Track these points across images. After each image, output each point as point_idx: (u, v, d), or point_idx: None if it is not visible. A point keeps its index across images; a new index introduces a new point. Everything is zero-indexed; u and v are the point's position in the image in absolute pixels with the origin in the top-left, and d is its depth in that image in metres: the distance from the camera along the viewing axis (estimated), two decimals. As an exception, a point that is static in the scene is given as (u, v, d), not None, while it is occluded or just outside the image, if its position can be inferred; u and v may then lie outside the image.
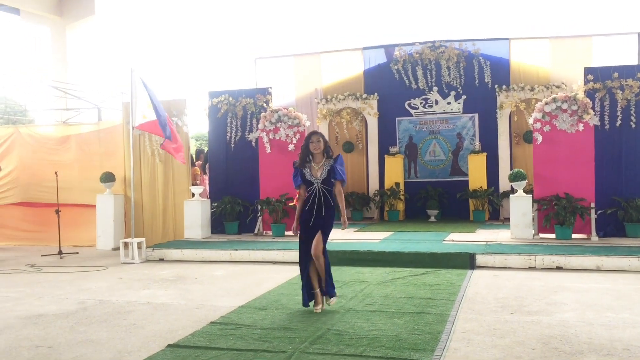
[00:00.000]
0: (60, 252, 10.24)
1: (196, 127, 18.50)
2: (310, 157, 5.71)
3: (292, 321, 5.36)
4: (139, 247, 9.61)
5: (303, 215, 5.76)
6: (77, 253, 10.52)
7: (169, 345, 4.72)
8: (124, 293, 7.01)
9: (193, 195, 10.88)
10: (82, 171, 11.67)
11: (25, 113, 16.90)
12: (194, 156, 13.67)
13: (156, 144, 11.04)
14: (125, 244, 9.67)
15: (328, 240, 5.93)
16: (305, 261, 5.76)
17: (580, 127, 9.33)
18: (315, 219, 5.66)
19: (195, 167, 12.66)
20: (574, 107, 9.36)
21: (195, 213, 10.71)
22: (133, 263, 9.34)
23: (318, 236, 5.65)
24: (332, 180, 5.65)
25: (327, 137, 14.60)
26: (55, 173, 10.47)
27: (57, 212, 10.37)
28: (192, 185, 11.22)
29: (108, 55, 19.16)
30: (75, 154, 11.85)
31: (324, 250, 5.74)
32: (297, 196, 5.97)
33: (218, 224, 11.14)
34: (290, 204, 9.94)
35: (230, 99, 11.29)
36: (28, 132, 12.44)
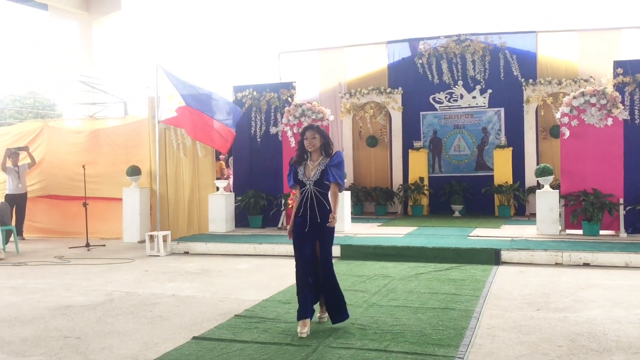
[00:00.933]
0: (87, 245, 10.40)
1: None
2: (308, 154, 5.00)
3: (315, 314, 5.36)
4: (164, 240, 9.71)
5: (296, 222, 4.98)
6: (104, 245, 10.68)
7: (194, 338, 4.77)
8: (149, 285, 7.09)
9: (217, 189, 10.96)
10: (108, 165, 11.83)
11: (54, 107, 17.17)
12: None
13: (182, 139, 11.13)
14: (151, 237, 9.78)
15: (338, 244, 5.57)
16: (303, 278, 4.92)
17: (609, 121, 9.16)
18: (309, 227, 4.90)
19: (221, 161, 12.74)
20: (603, 101, 9.19)
21: (219, 207, 10.78)
22: (158, 256, 9.45)
23: (317, 248, 4.97)
24: (326, 182, 4.92)
25: (350, 131, 14.74)
26: (83, 167, 10.63)
27: (85, 205, 10.53)
28: (218, 179, 11.30)
29: (134, 49, 19.34)
30: (102, 148, 12.00)
31: (331, 267, 5.02)
32: (292, 196, 5.30)
33: (242, 218, 11.20)
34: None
35: (255, 93, 11.32)
36: (56, 126, 12.64)
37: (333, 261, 5.14)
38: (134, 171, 11.15)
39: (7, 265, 8.86)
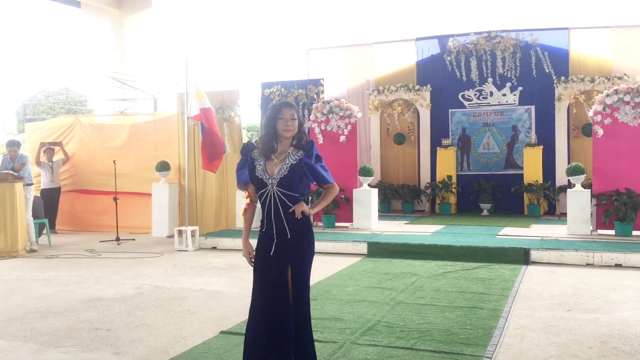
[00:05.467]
0: (117, 239, 10.56)
1: (247, 118, 18.70)
2: (275, 141, 3.49)
3: (343, 312, 5.37)
4: (193, 235, 9.81)
5: (259, 238, 3.52)
6: (134, 240, 10.82)
7: (222, 332, 4.81)
8: (178, 279, 7.17)
9: (245, 185, 11.00)
10: (138, 160, 11.98)
11: (85, 103, 17.42)
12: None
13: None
14: (180, 232, 9.88)
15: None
16: (260, 327, 3.38)
17: (644, 120, 8.97)
18: (277, 244, 3.41)
19: None
20: (637, 99, 8.99)
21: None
22: (187, 251, 9.55)
23: (288, 277, 3.39)
24: (322, 185, 3.56)
25: (378, 129, 14.70)
26: (114, 162, 10.79)
27: (115, 199, 10.69)
28: None
29: (164, 46, 19.56)
30: (132, 144, 12.17)
31: (306, 308, 3.48)
32: (244, 200, 3.67)
33: (269, 214, 11.22)
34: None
35: (283, 89, 11.39)
36: (88, 121, 12.85)
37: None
38: (163, 167, 11.27)
39: (40, 257, 9.05)
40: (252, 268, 3.52)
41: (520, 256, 7.84)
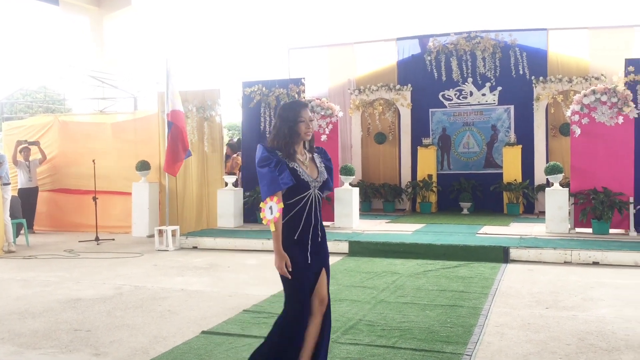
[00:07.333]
0: (97, 239, 10.46)
1: (228, 117, 18.62)
2: (295, 144, 3.35)
3: (324, 311, 5.37)
4: (173, 235, 9.75)
5: (297, 245, 3.33)
6: (113, 240, 10.73)
7: (203, 332, 4.80)
8: (158, 279, 7.13)
9: (226, 184, 10.99)
10: (118, 159, 11.89)
11: (64, 102, 17.23)
12: (227, 146, 13.78)
13: (190, 134, 11.17)
14: (160, 232, 9.82)
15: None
16: (301, 327, 3.36)
17: (620, 119, 9.11)
18: (311, 247, 3.37)
19: (238, 157, 12.77)
20: (614, 100, 9.14)
21: (228, 202, 10.81)
22: (167, 250, 9.49)
23: (324, 279, 3.51)
24: (327, 190, 3.50)
25: (359, 128, 14.75)
26: (93, 161, 10.68)
27: (95, 199, 10.58)
28: (233, 174, 11.37)
29: (144, 45, 19.39)
30: (112, 143, 12.07)
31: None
32: (267, 209, 3.27)
33: (251, 214, 11.21)
34: (265, 214, 3.36)
35: (264, 89, 11.34)
36: (67, 120, 12.72)
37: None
38: (143, 166, 11.19)
39: (18, 258, 8.93)
40: (231, 268, 3.53)
41: (499, 254, 7.92)
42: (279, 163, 3.23)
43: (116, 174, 11.77)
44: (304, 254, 3.32)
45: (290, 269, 3.25)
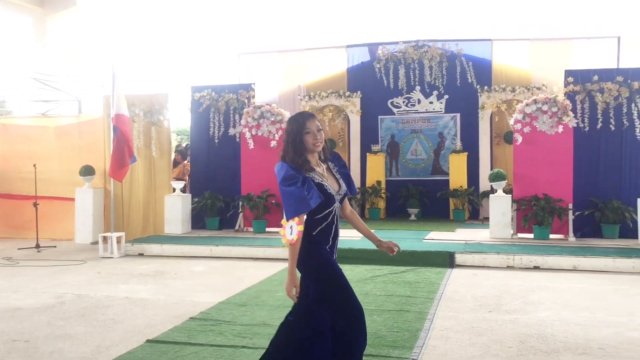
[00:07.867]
0: (37, 246, 10.11)
1: (176, 122, 18.37)
2: (306, 159, 3.22)
3: (272, 318, 5.36)
4: (118, 242, 9.53)
5: (329, 257, 3.42)
6: (55, 247, 10.40)
7: (148, 341, 4.70)
8: (102, 288, 6.95)
9: (174, 190, 10.83)
10: (61, 164, 11.53)
11: (3, 104, 16.62)
12: (176, 152, 13.59)
13: (137, 139, 10.97)
14: (104, 238, 9.58)
15: None
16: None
17: (560, 128, 9.44)
18: (336, 259, 3.54)
19: (187, 163, 12.60)
20: (554, 109, 9.47)
21: (175, 208, 10.65)
22: (112, 257, 9.27)
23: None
24: (349, 195, 3.46)
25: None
26: (34, 165, 10.33)
27: (35, 204, 10.24)
28: (181, 179, 11.20)
29: (90, 47, 18.94)
30: (55, 147, 11.70)
31: None
32: (287, 228, 3.13)
33: (199, 220, 11.08)
34: (285, 232, 3.22)
35: (213, 94, 11.24)
36: (7, 123, 12.26)
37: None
38: (87, 171, 10.90)
39: (-48, 266, 8.55)
40: (178, 275, 3.51)
41: (445, 260, 8.07)
42: (305, 181, 3.11)
43: (59, 179, 11.42)
44: (336, 264, 3.39)
45: (298, 295, 3.25)
